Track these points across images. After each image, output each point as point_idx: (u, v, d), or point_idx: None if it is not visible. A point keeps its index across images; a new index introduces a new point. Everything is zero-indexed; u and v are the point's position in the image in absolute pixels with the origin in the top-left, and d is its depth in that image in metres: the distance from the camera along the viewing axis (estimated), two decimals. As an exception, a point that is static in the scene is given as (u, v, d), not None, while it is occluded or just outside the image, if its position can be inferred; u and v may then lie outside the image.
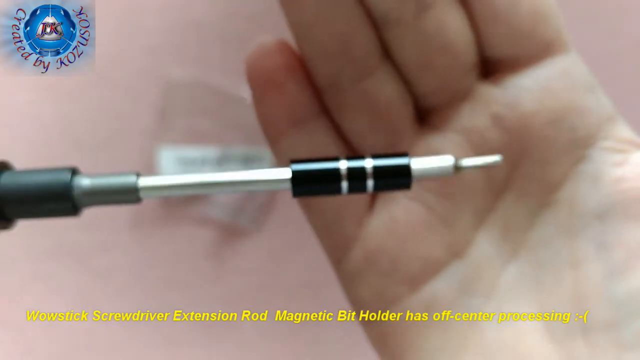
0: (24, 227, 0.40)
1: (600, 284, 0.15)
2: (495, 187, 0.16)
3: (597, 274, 0.15)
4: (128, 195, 0.14)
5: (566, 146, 0.15)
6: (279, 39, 0.16)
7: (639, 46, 0.47)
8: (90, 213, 0.41)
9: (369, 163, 0.14)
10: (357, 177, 0.14)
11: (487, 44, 0.15)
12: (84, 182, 0.14)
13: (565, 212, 0.15)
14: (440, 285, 0.16)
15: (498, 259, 0.16)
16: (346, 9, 0.15)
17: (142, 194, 0.14)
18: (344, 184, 0.14)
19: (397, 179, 0.14)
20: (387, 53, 0.16)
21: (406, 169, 0.14)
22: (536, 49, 0.15)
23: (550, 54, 0.15)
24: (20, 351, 0.41)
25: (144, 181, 0.14)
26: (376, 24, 0.15)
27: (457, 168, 0.14)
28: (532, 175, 0.16)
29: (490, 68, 0.16)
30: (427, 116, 0.16)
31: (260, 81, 0.15)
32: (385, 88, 0.16)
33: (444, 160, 0.14)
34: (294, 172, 0.14)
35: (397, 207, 0.16)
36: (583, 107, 0.15)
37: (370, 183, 0.14)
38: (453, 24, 0.15)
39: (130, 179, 0.14)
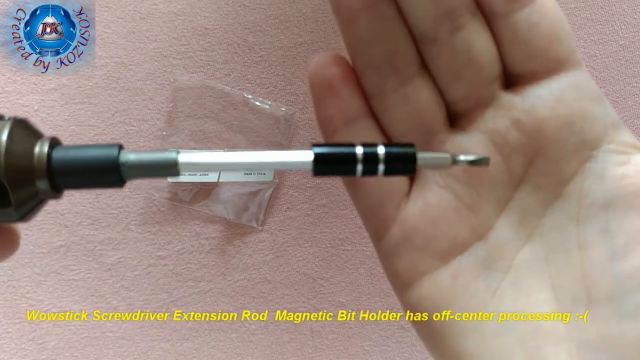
0: (36, 224, 0.41)
1: (603, 264, 0.17)
2: (514, 180, 0.18)
3: (601, 255, 0.17)
4: (169, 169, 0.15)
5: (576, 147, 0.18)
6: (336, 53, 0.18)
7: (623, 52, 0.50)
8: (100, 210, 0.42)
9: (381, 150, 0.16)
10: (370, 161, 0.16)
11: (509, 60, 0.18)
12: (130, 156, 0.15)
13: (574, 203, 0.18)
14: (465, 261, 0.18)
15: (515, 241, 0.18)
16: (392, 28, 0.17)
17: (181, 169, 0.15)
18: (359, 167, 0.16)
19: (404, 164, 0.16)
20: (424, 65, 0.18)
21: (412, 156, 0.16)
22: (551, 65, 0.17)
23: (563, 70, 0.17)
24: (31, 344, 0.41)
25: (184, 157, 0.15)
26: (416, 40, 0.18)
27: (454, 161, 0.16)
28: (545, 171, 0.18)
29: (512, 80, 0.18)
30: (456, 119, 0.19)
31: (321, 87, 0.18)
32: (422, 94, 0.18)
33: (443, 154, 0.16)
34: (316, 154, 0.15)
35: (430, 194, 0.19)
36: (591, 115, 0.17)
37: (381, 167, 0.16)
38: (480, 43, 0.18)
39: (171, 155, 0.15)
